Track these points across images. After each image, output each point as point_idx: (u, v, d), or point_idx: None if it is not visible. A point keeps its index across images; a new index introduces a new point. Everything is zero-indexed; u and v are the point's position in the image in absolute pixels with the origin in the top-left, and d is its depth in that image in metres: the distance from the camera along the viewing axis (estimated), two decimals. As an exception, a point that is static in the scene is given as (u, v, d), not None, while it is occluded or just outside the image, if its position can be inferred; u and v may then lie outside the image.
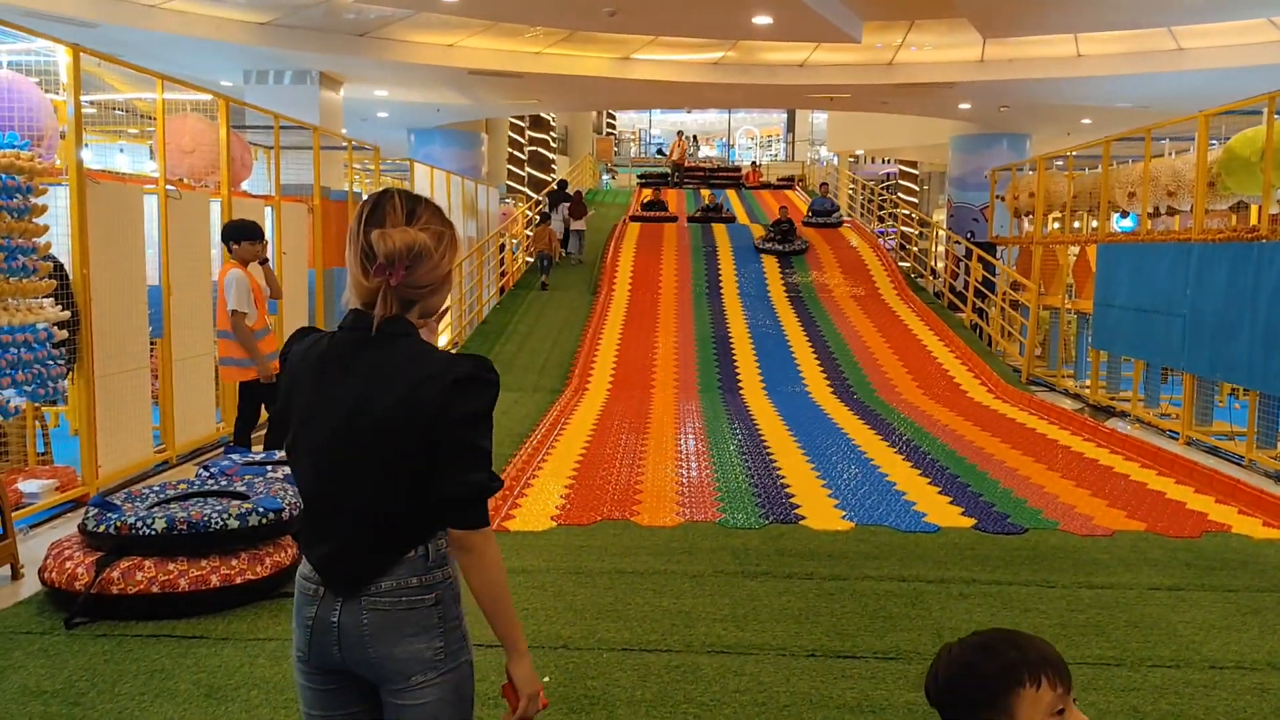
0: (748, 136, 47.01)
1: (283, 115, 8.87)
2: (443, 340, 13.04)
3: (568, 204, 16.69)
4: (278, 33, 12.12)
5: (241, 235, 5.57)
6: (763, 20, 11.67)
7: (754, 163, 28.41)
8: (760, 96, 17.65)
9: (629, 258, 14.96)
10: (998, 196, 14.00)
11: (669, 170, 25.45)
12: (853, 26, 11.64)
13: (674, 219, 17.44)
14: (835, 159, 31.49)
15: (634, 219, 17.46)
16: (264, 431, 6.24)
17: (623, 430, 7.75)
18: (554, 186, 17.92)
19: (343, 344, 1.62)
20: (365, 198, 2.26)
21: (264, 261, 5.68)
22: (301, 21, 12.14)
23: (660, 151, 38.60)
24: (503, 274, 15.60)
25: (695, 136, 27.37)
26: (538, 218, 16.00)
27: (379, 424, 1.54)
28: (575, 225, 16.60)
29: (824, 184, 18.95)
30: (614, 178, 31.48)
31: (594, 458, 6.71)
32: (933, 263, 15.99)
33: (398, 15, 12.08)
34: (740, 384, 10.07)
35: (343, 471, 1.57)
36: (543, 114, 23.43)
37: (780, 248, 14.81)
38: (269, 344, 5.64)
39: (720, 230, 16.49)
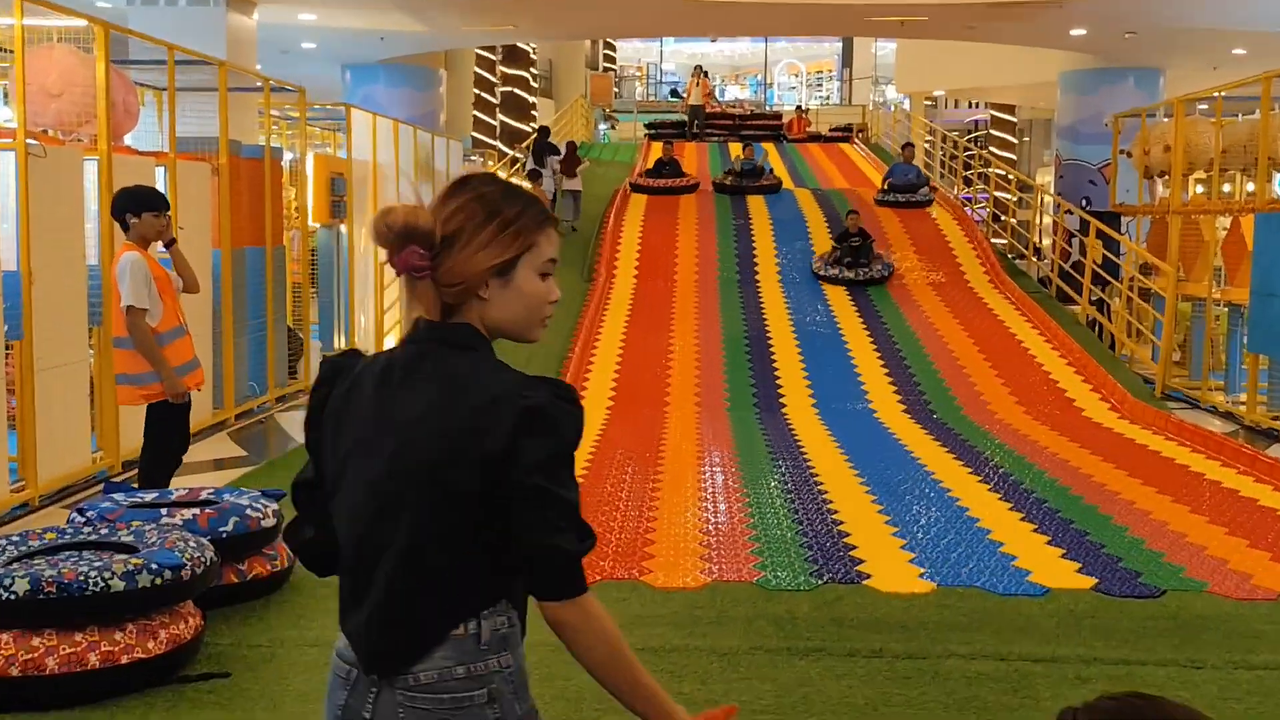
0: (790, 73, 47.16)
1: (179, 46, 8.93)
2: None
3: (558, 158, 16.92)
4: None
5: (140, 205, 5.44)
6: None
7: (800, 107, 28.41)
8: (808, 19, 17.67)
9: (634, 233, 15.02)
10: (1122, 152, 13.99)
11: (686, 118, 25.51)
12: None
13: (693, 187, 17.09)
14: (906, 102, 31.57)
15: (637, 187, 17.05)
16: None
17: (628, 461, 7.77)
18: (535, 136, 18.07)
19: (402, 359, 1.66)
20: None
21: (171, 243, 5.61)
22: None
23: (675, 93, 38.74)
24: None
25: (707, 74, 27.15)
26: (526, 179, 15.97)
27: (428, 459, 1.57)
28: (569, 184, 16.87)
29: (908, 145, 17.44)
30: (613, 128, 31.58)
31: (591, 498, 6.73)
32: (1036, 239, 16.03)
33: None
34: (783, 400, 10.09)
35: (387, 520, 1.59)
36: (521, 44, 23.52)
37: (853, 275, 13.25)
38: (181, 350, 5.49)
39: (757, 203, 16.51)
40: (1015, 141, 28.68)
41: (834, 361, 11.01)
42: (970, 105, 33.13)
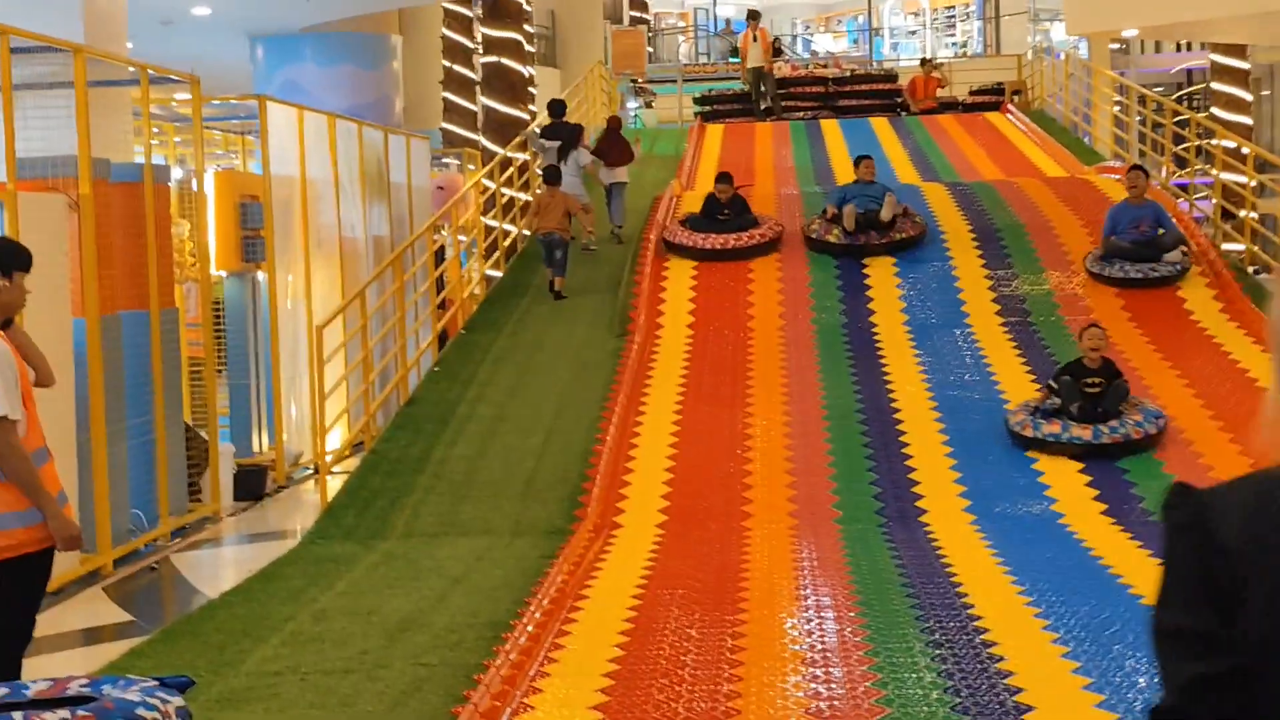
0: (907, 11, 47.54)
1: (13, 28, 9.17)
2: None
3: (586, 148, 17.10)
4: None
5: (12, 262, 5.75)
6: None
7: (927, 59, 28.47)
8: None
9: (685, 260, 15.11)
10: None
11: (747, 87, 25.60)
12: None
13: (769, 245, 15.21)
14: (1081, 49, 31.66)
15: (674, 246, 15.27)
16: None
17: (694, 607, 7.78)
18: (546, 119, 18.02)
19: None
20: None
21: (5, 324, 5.77)
22: None
23: (736, 50, 39.10)
24: (442, 305, 15.81)
25: (758, 19, 26.81)
26: (542, 181, 15.94)
27: None
28: (614, 176, 17.22)
29: (1137, 169, 15.08)
30: (649, 105, 31.87)
31: (641, 664, 6.74)
32: (1288, 244, 15.97)
33: None
34: (921, 505, 10.06)
35: None
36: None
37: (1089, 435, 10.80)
38: (50, 478, 5.61)
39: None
40: (1249, 99, 28.64)
41: (995, 444, 10.96)
42: (1179, 48, 33.23)
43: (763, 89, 25.16)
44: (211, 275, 12.84)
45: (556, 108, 17.80)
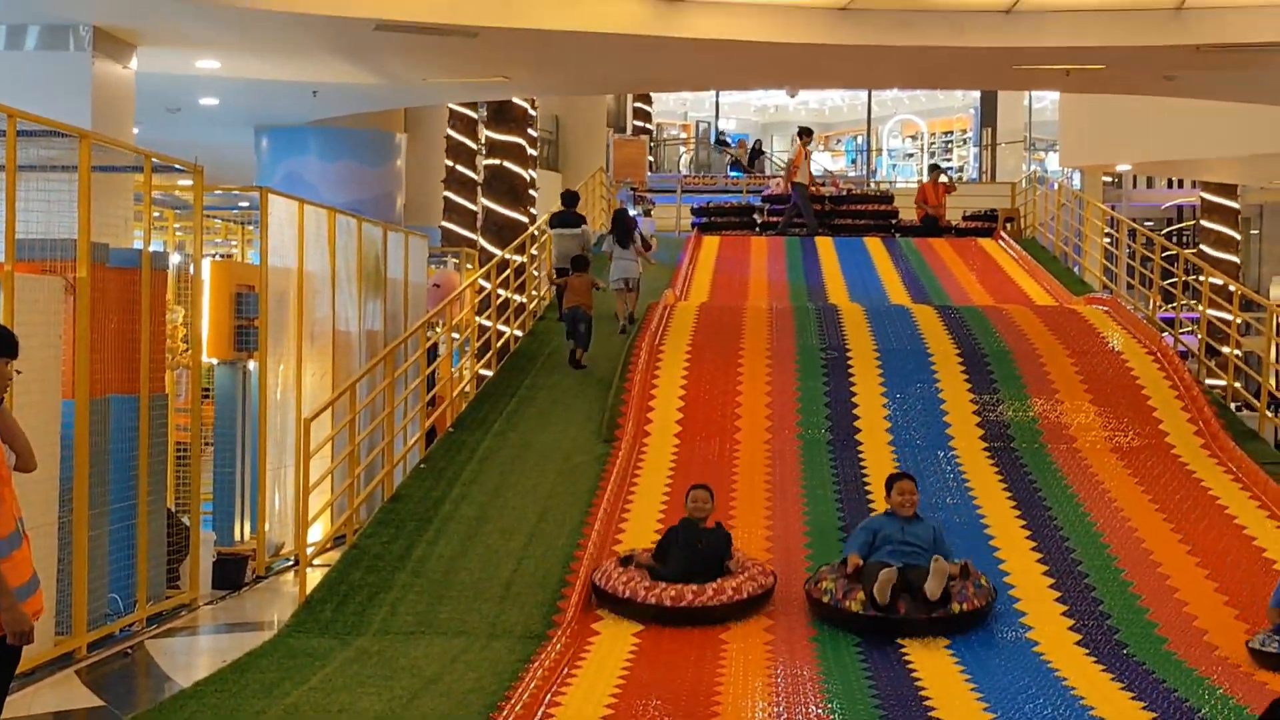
0: (906, 134, 48.07)
1: (21, 112, 9.25)
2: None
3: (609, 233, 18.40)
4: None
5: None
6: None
7: (937, 166, 28.41)
8: (929, 69, 18.10)
9: (676, 368, 15.17)
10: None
11: (764, 203, 25.58)
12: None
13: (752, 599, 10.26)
14: (1075, 180, 31.97)
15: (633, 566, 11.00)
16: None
17: (664, 717, 7.70)
18: (560, 208, 19.22)
19: None
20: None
21: None
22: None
23: (738, 164, 39.40)
24: (432, 403, 15.82)
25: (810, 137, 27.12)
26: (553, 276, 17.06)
27: None
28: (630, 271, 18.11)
29: None
30: (648, 213, 32.08)
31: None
32: (1270, 384, 16.02)
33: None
34: (899, 635, 10.02)
35: None
36: (515, 99, 24.16)
37: None
38: (19, 565, 5.60)
39: (856, 325, 16.69)
40: (1237, 237, 28.93)
41: (973, 564, 10.94)
42: (1171, 184, 33.59)
43: (798, 210, 25.12)
44: (203, 361, 12.86)
45: (569, 198, 19.01)
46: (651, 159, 37.65)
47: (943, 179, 26.12)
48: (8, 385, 5.81)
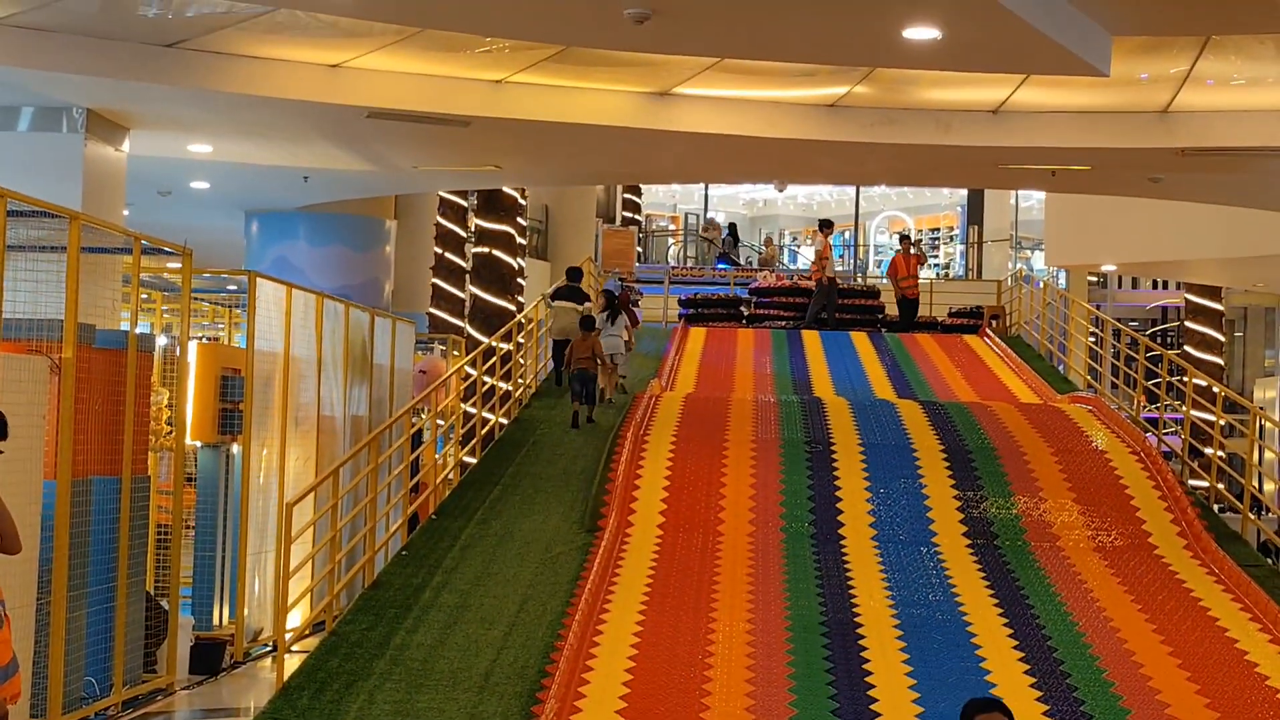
0: (893, 230, 48.45)
1: (11, 192, 9.29)
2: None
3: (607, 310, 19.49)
4: (12, 37, 12.81)
5: None
6: (921, 34, 12.26)
7: (906, 237, 28.67)
8: (916, 166, 18.28)
9: (660, 459, 15.16)
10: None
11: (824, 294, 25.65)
12: (1094, 46, 12.21)
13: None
14: (1060, 279, 32.15)
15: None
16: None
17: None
18: (564, 283, 20.26)
19: None
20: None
21: None
22: (60, 20, 12.85)
23: (727, 257, 39.55)
24: (415, 489, 15.78)
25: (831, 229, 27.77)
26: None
27: None
28: (627, 336, 19.66)
29: None
30: (634, 304, 32.25)
31: None
32: (1254, 484, 16.07)
33: (240, 11, 12.80)
34: (877, 723, 9.97)
35: None
36: (506, 188, 24.32)
37: None
38: (1, 649, 5.59)
39: (840, 415, 16.74)
40: (1222, 339, 29.11)
41: (955, 665, 10.88)
42: (1155, 285, 33.80)
43: (827, 304, 25.35)
44: (186, 445, 12.83)
45: (574, 274, 20.46)
46: (640, 249, 37.85)
47: (914, 250, 26.35)
48: None
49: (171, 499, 12.77)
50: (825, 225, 26.28)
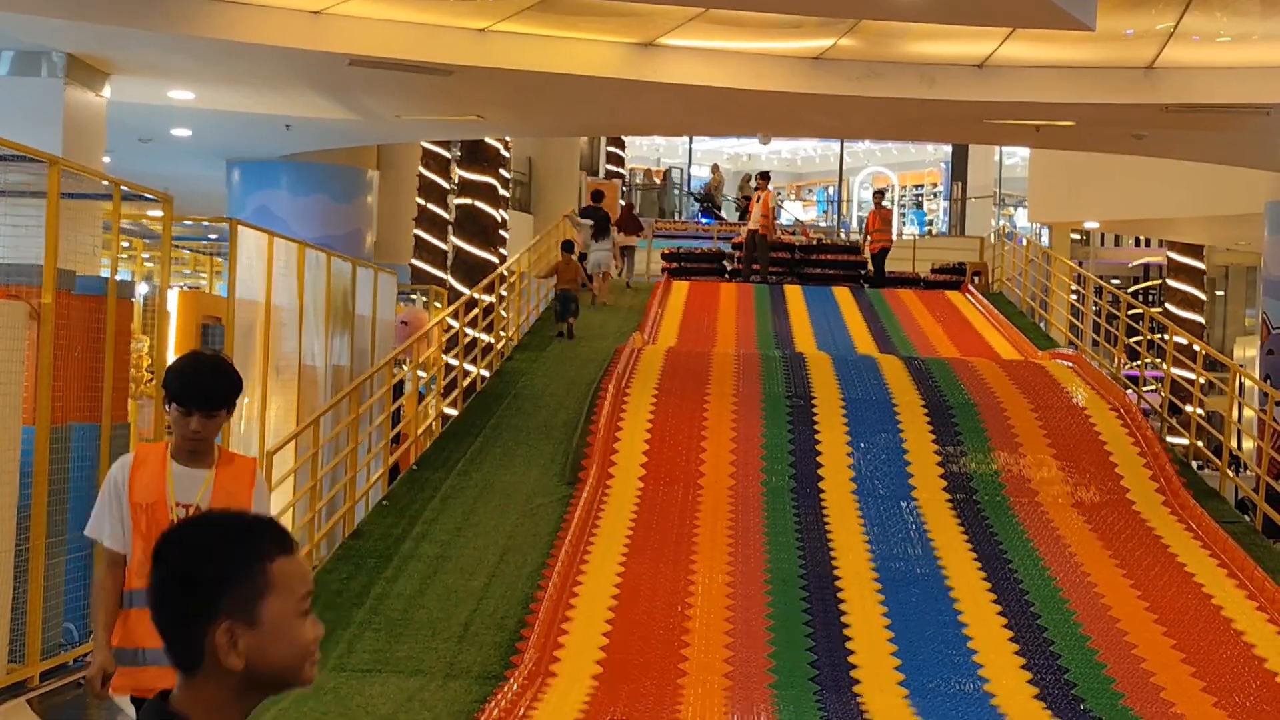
0: (877, 186, 48.42)
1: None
2: None
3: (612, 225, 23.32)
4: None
5: None
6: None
7: (883, 194, 28.90)
8: (901, 121, 18.23)
9: (642, 413, 15.17)
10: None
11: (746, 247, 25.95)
12: (1080, 0, 12.18)
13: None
14: (1043, 236, 32.20)
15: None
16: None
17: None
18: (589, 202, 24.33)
19: None
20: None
21: None
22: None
23: (709, 209, 39.55)
24: (397, 440, 15.78)
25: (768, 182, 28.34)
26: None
27: None
28: (629, 242, 25.38)
29: None
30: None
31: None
32: (1233, 442, 16.14)
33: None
34: (856, 676, 10.01)
35: None
36: (490, 139, 24.24)
37: None
38: None
39: (823, 373, 16.77)
40: (1203, 297, 29.17)
41: (933, 618, 10.95)
42: (1138, 243, 33.85)
43: (755, 254, 25.52)
44: (167, 393, 12.80)
45: (597, 195, 23.90)
46: (623, 203, 37.77)
47: (885, 205, 26.51)
48: None
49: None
50: (763, 176, 26.34)
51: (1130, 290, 33.42)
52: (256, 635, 2.50)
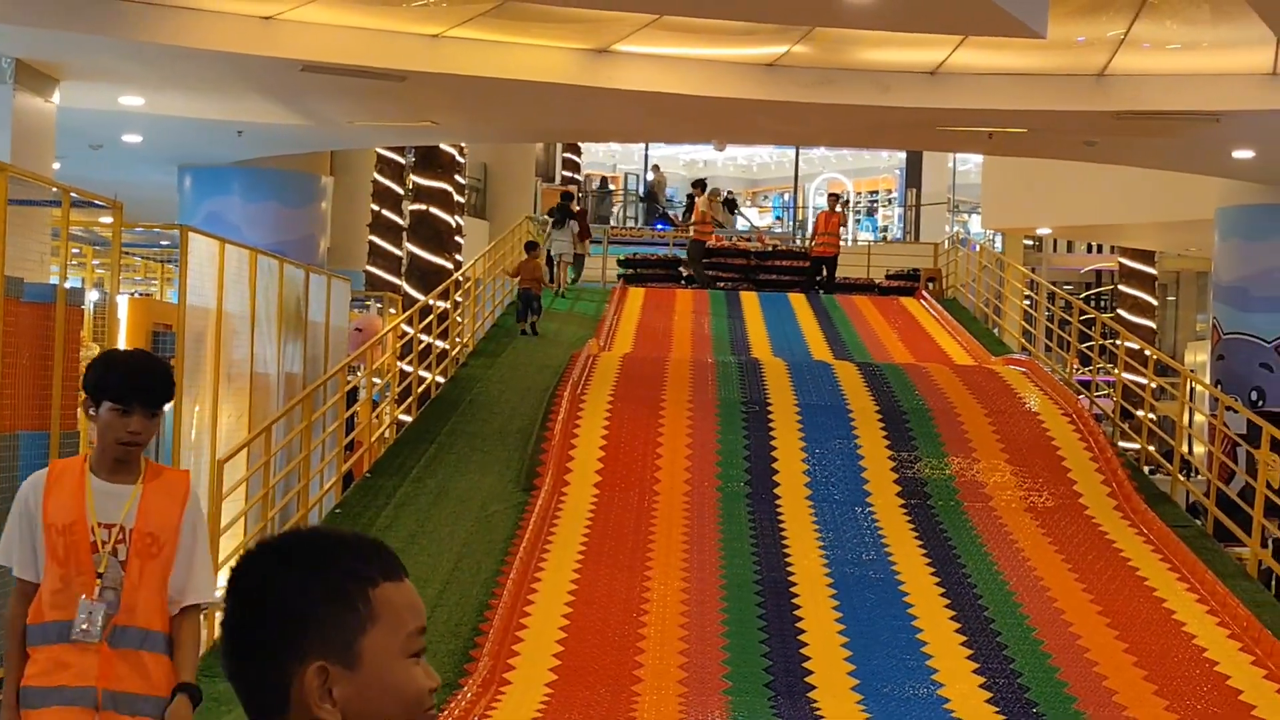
0: (832, 192, 48.58)
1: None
2: None
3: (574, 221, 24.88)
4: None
5: None
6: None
7: (838, 198, 29.09)
8: (854, 128, 18.29)
9: (597, 419, 15.16)
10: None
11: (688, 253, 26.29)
12: (1031, 7, 12.24)
13: None
14: (997, 242, 32.35)
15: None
16: None
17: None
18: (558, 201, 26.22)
19: None
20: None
21: None
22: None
23: (666, 217, 39.56)
24: (350, 447, 15.72)
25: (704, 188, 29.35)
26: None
27: None
28: (582, 249, 25.94)
29: None
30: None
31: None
32: (1184, 446, 16.24)
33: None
34: (810, 681, 10.03)
35: None
36: (444, 145, 24.18)
37: None
38: None
39: (778, 378, 16.81)
40: (1154, 303, 29.37)
41: (888, 623, 10.99)
42: (1090, 249, 34.05)
43: (696, 260, 26.10)
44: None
45: (566, 196, 26.42)
46: (580, 209, 37.79)
47: (839, 210, 26.65)
48: None
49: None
50: (698, 184, 27.33)
51: (1083, 296, 33.66)
52: (355, 680, 2.02)
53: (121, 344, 12.77)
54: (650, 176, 42.31)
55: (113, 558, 4.98)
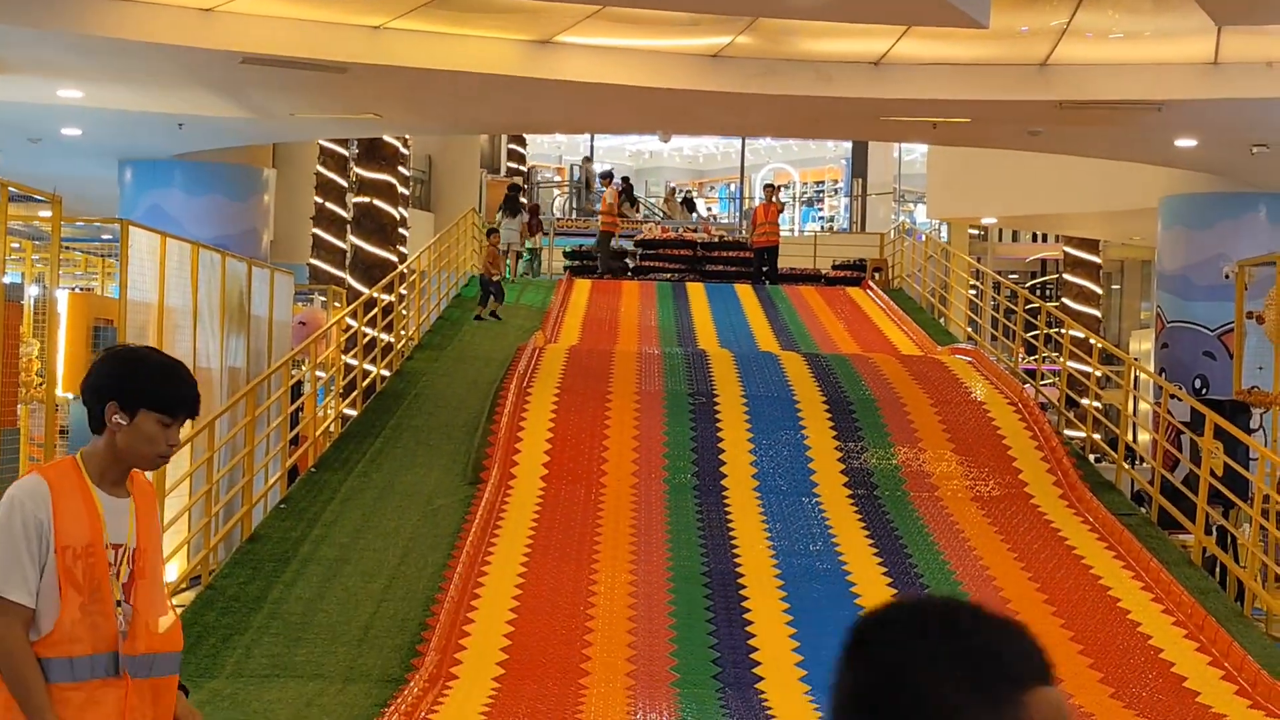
0: (778, 182, 48.73)
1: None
2: None
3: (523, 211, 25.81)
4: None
5: None
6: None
7: (774, 188, 29.00)
8: (798, 118, 18.32)
9: (544, 411, 15.15)
10: (1250, 315, 14.45)
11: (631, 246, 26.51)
12: (974, -1, 12.32)
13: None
14: (942, 232, 32.50)
15: None
16: None
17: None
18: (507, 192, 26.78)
19: None
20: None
21: None
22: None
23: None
24: (295, 442, 15.64)
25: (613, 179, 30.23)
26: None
27: None
28: (533, 243, 27.30)
29: None
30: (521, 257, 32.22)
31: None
32: (1128, 435, 16.37)
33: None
34: (758, 673, 10.06)
35: None
36: (388, 137, 24.08)
37: None
38: None
39: (726, 375, 16.84)
40: (1099, 291, 29.59)
41: (835, 614, 11.00)
42: (1035, 238, 34.27)
43: (602, 253, 26.89)
44: (57, 397, 12.60)
45: (513, 188, 27.23)
46: (525, 200, 37.73)
47: (775, 200, 26.72)
48: None
49: (44, 451, 12.54)
50: (605, 176, 28.11)
51: (1028, 285, 33.88)
52: None
53: (61, 340, 12.66)
54: (579, 170, 42.37)
55: (117, 581, 4.42)
